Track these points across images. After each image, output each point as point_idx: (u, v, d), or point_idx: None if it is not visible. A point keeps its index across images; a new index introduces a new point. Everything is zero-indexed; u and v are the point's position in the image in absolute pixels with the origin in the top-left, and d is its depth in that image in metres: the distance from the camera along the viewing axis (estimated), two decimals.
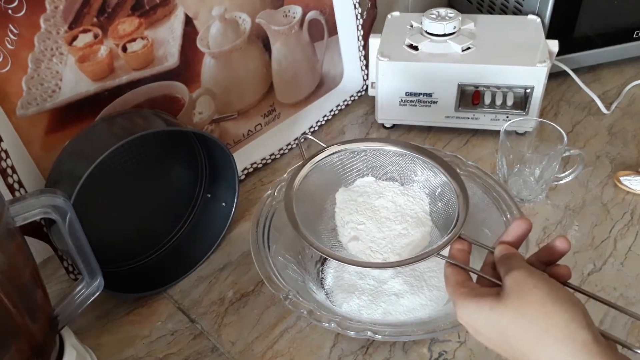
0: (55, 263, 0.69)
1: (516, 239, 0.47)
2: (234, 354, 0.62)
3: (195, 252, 0.72)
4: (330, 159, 0.63)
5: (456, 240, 0.50)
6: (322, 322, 0.55)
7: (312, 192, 0.62)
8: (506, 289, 0.40)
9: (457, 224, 0.53)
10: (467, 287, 0.44)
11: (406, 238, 0.60)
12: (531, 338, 0.38)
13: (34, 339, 0.49)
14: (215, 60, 0.75)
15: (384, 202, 0.63)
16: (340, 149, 0.63)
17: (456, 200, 0.56)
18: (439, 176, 0.60)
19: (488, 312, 0.40)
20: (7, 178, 0.59)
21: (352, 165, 0.64)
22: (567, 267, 0.45)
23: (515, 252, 0.45)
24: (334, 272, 0.67)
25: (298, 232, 0.55)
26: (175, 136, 0.71)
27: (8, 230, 0.46)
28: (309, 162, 0.62)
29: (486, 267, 0.47)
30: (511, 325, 0.39)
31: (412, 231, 0.60)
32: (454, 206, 0.56)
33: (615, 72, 0.99)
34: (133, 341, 0.64)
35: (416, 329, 0.55)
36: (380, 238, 0.60)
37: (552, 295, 0.39)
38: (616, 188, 0.78)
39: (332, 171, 0.64)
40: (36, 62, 0.59)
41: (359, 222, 0.61)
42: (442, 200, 0.61)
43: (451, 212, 0.56)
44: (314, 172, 0.62)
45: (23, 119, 0.60)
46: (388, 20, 0.91)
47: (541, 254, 0.46)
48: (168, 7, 0.68)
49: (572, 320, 0.37)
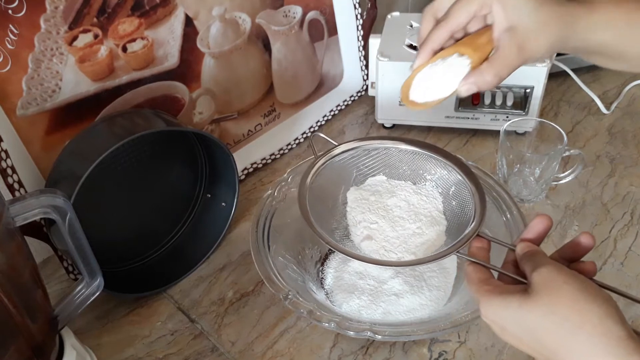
0: (55, 263, 0.69)
1: (537, 236, 0.46)
2: (234, 354, 0.62)
3: (195, 252, 0.72)
4: (341, 157, 0.62)
5: (475, 238, 0.50)
6: (322, 322, 0.55)
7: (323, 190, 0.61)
8: (535, 285, 0.40)
9: (474, 221, 0.53)
10: (491, 285, 0.43)
11: (421, 237, 0.59)
12: (563, 335, 0.37)
13: (33, 339, 0.49)
14: (216, 60, 0.75)
15: (396, 201, 0.62)
16: (351, 147, 0.62)
17: (472, 199, 0.56)
18: (453, 174, 0.60)
19: (516, 309, 0.40)
20: (7, 178, 0.59)
21: (364, 163, 0.64)
22: (593, 263, 0.44)
23: (539, 249, 0.45)
24: (333, 272, 0.67)
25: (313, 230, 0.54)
26: (175, 136, 0.71)
27: (8, 230, 0.46)
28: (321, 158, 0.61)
29: (507, 265, 0.47)
30: (542, 322, 0.38)
31: (427, 230, 0.60)
32: (469, 204, 0.56)
33: (615, 72, 0.99)
34: (133, 341, 0.64)
35: (416, 329, 0.55)
36: (394, 237, 0.59)
37: (584, 292, 0.38)
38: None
39: (343, 170, 0.63)
40: (36, 62, 0.59)
41: (371, 222, 0.61)
42: (457, 199, 0.60)
43: (467, 211, 0.56)
44: (324, 170, 0.61)
45: (23, 119, 0.60)
46: (388, 20, 0.91)
47: (565, 250, 0.45)
48: (168, 7, 0.68)
49: (606, 316, 0.37)
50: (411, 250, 0.58)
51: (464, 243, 0.51)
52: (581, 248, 0.44)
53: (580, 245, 0.44)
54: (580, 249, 0.45)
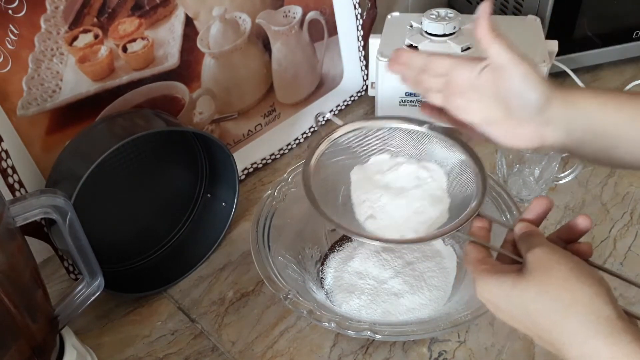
0: (56, 263, 0.69)
1: (537, 217, 0.46)
2: (234, 353, 0.62)
3: (195, 252, 0.72)
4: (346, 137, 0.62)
5: (476, 218, 0.50)
6: (322, 321, 0.55)
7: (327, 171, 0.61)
8: (529, 265, 0.40)
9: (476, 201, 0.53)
10: (487, 264, 0.44)
11: (423, 215, 0.59)
12: (554, 314, 0.38)
13: (34, 339, 0.49)
14: (216, 60, 0.75)
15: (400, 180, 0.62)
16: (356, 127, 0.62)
17: (474, 179, 0.56)
18: (456, 154, 0.59)
19: (510, 288, 0.40)
20: (8, 178, 0.59)
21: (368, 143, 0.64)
22: (589, 244, 0.45)
23: (537, 230, 0.45)
24: (333, 272, 0.67)
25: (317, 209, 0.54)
26: (176, 136, 0.71)
27: (8, 230, 0.46)
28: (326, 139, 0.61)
29: (506, 245, 0.47)
30: (534, 301, 0.39)
31: (430, 208, 0.59)
32: (471, 185, 0.56)
33: (615, 72, 0.99)
34: (133, 341, 0.64)
35: (416, 329, 0.55)
36: (397, 216, 0.59)
37: (576, 272, 0.39)
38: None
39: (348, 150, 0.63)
40: (36, 62, 0.59)
41: (374, 201, 0.60)
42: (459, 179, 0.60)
43: (469, 191, 0.56)
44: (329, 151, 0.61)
45: (23, 119, 0.61)
46: (388, 20, 0.91)
47: (562, 232, 0.46)
48: (168, 7, 0.68)
49: (596, 295, 0.37)
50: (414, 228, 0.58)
51: (465, 221, 0.51)
52: (578, 230, 0.45)
53: (577, 227, 0.45)
54: (577, 231, 0.45)
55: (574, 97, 0.46)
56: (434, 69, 0.50)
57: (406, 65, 0.51)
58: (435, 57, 0.50)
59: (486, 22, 0.45)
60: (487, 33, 0.45)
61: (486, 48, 0.46)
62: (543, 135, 0.47)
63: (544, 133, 0.47)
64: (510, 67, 0.45)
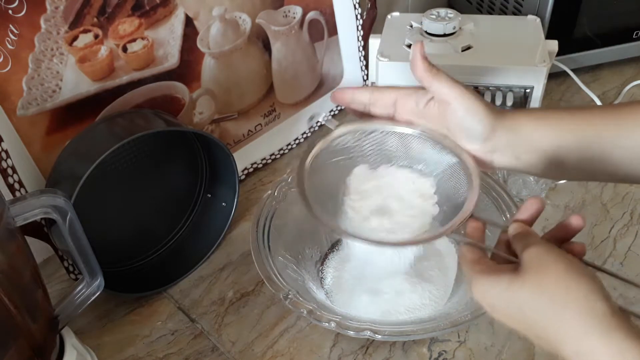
0: (56, 263, 0.69)
1: (530, 217, 0.46)
2: (234, 353, 0.62)
3: (195, 252, 0.72)
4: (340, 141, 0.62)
5: (470, 219, 0.50)
6: (322, 321, 0.55)
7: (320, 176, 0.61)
8: (524, 264, 0.40)
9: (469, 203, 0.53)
10: (483, 265, 0.44)
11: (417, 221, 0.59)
12: (550, 312, 0.38)
13: (34, 339, 0.49)
14: (216, 60, 0.75)
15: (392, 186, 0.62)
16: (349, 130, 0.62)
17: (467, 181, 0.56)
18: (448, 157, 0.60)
19: (506, 288, 0.40)
20: (8, 178, 0.59)
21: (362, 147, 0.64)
22: (582, 244, 0.45)
23: (531, 230, 0.45)
24: (333, 272, 0.67)
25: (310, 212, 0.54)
26: (176, 136, 0.71)
27: (8, 230, 0.46)
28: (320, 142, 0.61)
29: (500, 245, 0.47)
30: (530, 300, 0.39)
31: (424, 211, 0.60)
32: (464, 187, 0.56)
33: (615, 72, 0.99)
34: (133, 341, 0.64)
35: (416, 329, 0.55)
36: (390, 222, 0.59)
37: (571, 270, 0.39)
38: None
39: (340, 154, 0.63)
40: (36, 62, 0.59)
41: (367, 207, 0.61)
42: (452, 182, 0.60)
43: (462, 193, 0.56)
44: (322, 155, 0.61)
45: (23, 119, 0.61)
46: (388, 20, 0.91)
47: (556, 231, 0.46)
48: (168, 7, 0.68)
49: (591, 292, 0.37)
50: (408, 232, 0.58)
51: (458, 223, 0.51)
52: (571, 229, 0.45)
53: (571, 226, 0.45)
54: (571, 230, 0.45)
55: (518, 123, 0.48)
56: (379, 102, 0.53)
57: (351, 102, 0.54)
58: (380, 91, 0.53)
59: (421, 62, 0.48)
60: (425, 72, 0.48)
61: (428, 87, 0.48)
62: (492, 161, 0.50)
63: (492, 159, 0.50)
64: (453, 102, 0.48)
